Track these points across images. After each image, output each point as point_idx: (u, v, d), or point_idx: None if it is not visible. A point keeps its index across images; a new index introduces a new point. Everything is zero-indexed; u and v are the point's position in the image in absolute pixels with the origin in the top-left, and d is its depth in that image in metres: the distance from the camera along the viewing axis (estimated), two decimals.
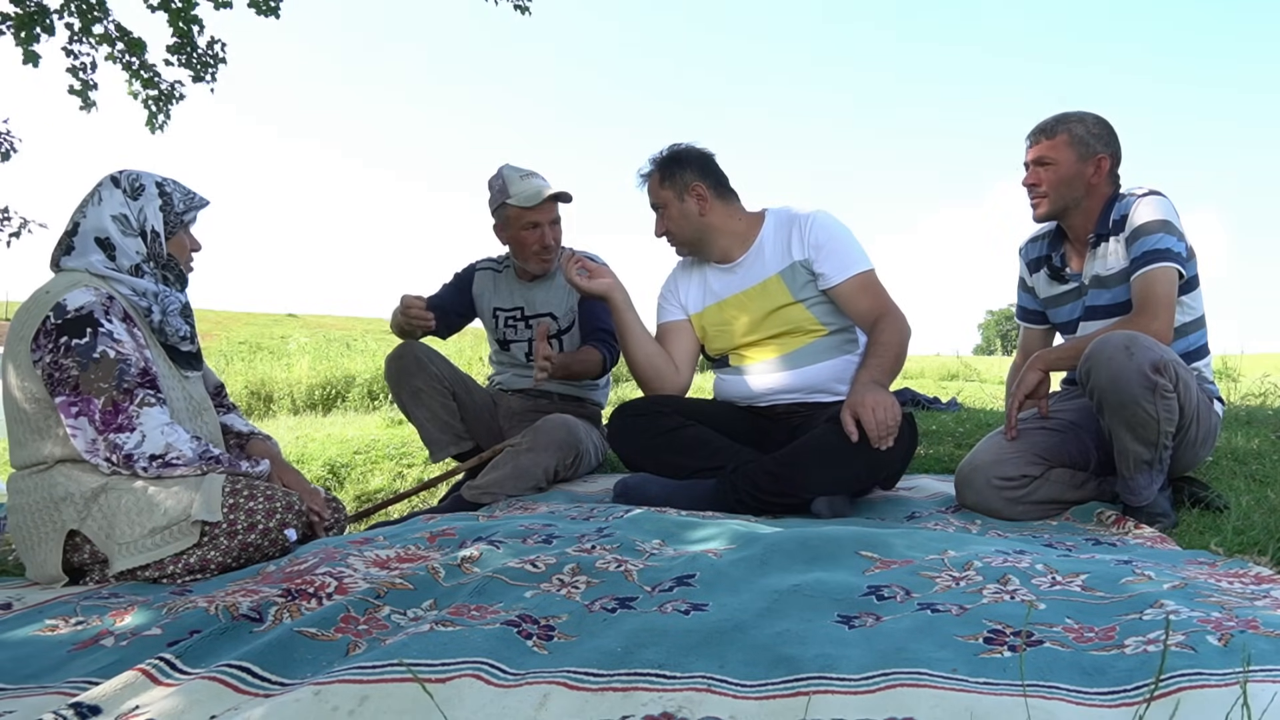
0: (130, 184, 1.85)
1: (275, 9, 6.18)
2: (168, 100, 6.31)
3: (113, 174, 1.87)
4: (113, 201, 1.83)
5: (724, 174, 2.39)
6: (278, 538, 1.74)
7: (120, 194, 1.84)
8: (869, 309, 2.25)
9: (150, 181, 1.88)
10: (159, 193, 1.88)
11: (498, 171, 2.71)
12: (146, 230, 1.85)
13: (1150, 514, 1.84)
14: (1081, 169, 2.05)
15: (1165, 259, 1.92)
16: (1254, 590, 1.23)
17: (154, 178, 1.90)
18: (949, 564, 1.36)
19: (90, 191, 1.85)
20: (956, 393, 5.77)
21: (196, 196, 1.95)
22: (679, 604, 1.23)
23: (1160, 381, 1.74)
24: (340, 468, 3.59)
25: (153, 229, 1.86)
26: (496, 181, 2.70)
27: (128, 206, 1.83)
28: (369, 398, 7.75)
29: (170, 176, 1.93)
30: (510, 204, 2.63)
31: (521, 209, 2.63)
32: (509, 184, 2.65)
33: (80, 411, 1.68)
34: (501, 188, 2.66)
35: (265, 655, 1.04)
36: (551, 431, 2.51)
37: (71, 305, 1.70)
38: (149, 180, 1.88)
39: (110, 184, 1.85)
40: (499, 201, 2.67)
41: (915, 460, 2.59)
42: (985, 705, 0.86)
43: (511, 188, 2.64)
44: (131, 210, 1.84)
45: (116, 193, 1.84)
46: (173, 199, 1.90)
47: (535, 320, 2.83)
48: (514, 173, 2.68)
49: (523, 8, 6.47)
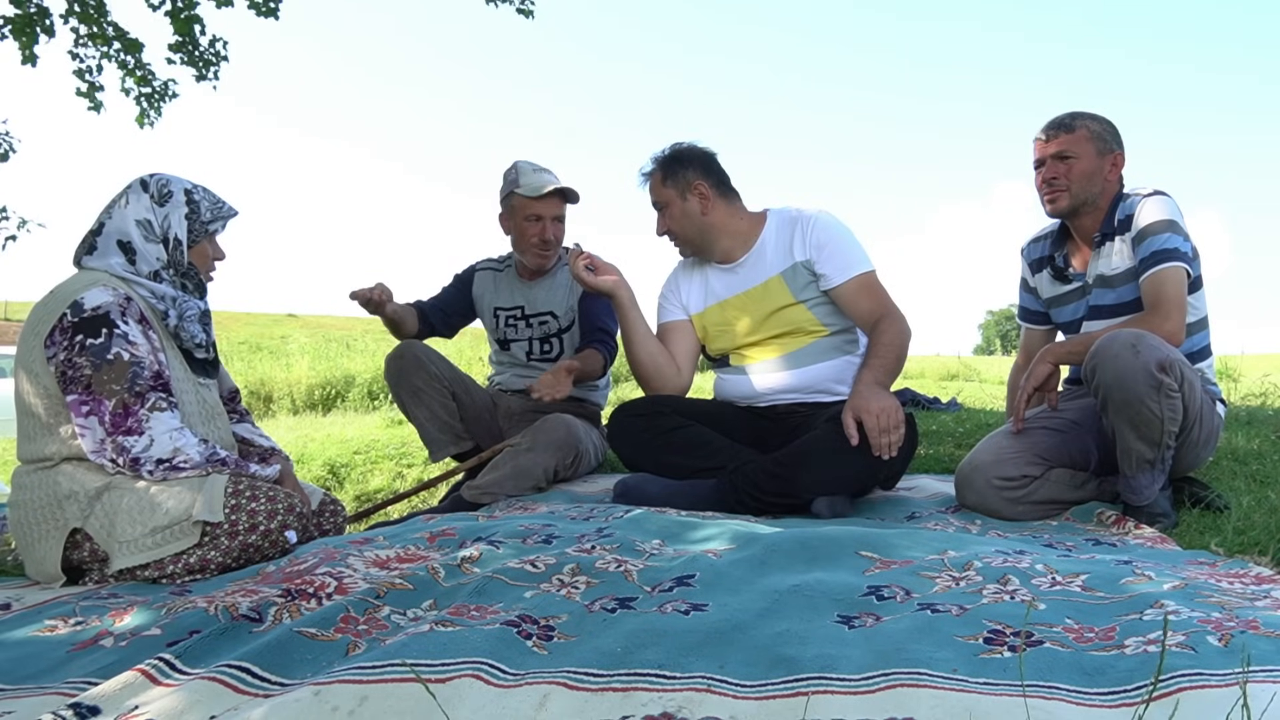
0: (159, 189, 1.85)
1: (275, 10, 6.19)
2: (161, 98, 6.32)
3: (143, 177, 1.87)
4: (139, 206, 1.83)
5: (726, 173, 2.39)
6: (278, 539, 1.74)
7: (147, 199, 1.84)
8: (869, 310, 2.25)
9: (179, 188, 1.87)
10: (186, 200, 1.87)
11: (513, 164, 2.76)
12: (169, 237, 1.84)
13: (1150, 514, 1.83)
14: (1100, 164, 2.05)
15: (1174, 259, 1.92)
16: (1254, 590, 1.23)
17: (184, 184, 1.89)
18: (949, 564, 1.36)
19: (119, 193, 1.85)
20: (956, 393, 5.78)
21: (225, 206, 1.94)
22: (679, 604, 1.23)
23: (1166, 381, 1.74)
24: (340, 468, 3.59)
25: (175, 236, 1.85)
26: (510, 173, 2.75)
27: (153, 212, 1.83)
28: (369, 398, 7.76)
29: (201, 184, 1.92)
30: (517, 193, 2.69)
31: (526, 199, 2.67)
32: (520, 175, 2.71)
33: (91, 411, 1.68)
34: (514, 179, 2.72)
35: (265, 655, 1.04)
36: (551, 431, 2.52)
37: (89, 304, 1.70)
38: (178, 187, 1.87)
39: (139, 187, 1.85)
40: (508, 190, 2.72)
41: (915, 460, 2.59)
42: (985, 705, 0.86)
43: (522, 178, 2.70)
44: (156, 216, 1.83)
45: (144, 197, 1.84)
46: (200, 207, 1.89)
47: (536, 319, 2.83)
48: (528, 166, 2.73)
49: (526, 11, 6.47)
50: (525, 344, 2.87)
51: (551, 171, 2.74)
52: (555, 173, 2.74)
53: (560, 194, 2.70)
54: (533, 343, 2.86)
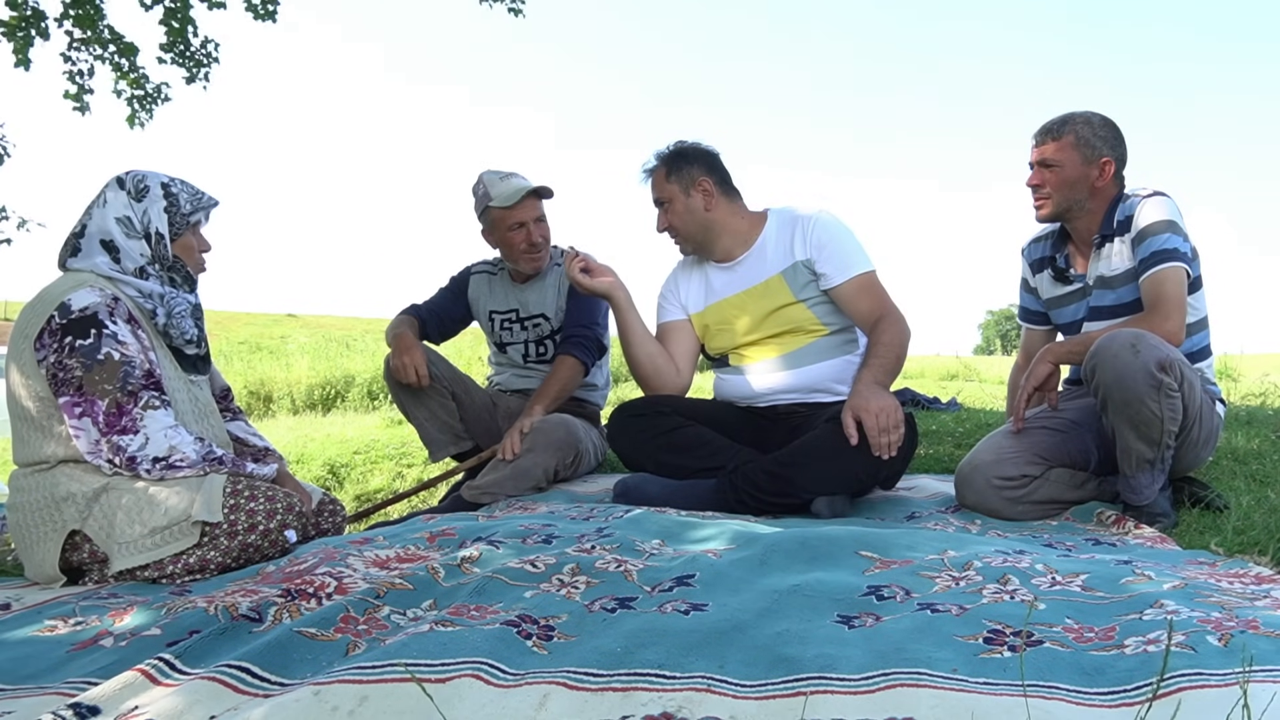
0: (135, 185, 1.84)
1: (272, 13, 6.18)
2: (153, 100, 6.32)
3: (119, 175, 1.86)
4: (117, 204, 1.82)
5: (728, 172, 2.39)
6: (278, 539, 1.74)
7: (124, 196, 1.83)
8: (869, 310, 2.25)
9: (155, 182, 1.87)
10: (164, 194, 1.87)
11: (478, 178, 2.73)
12: (151, 232, 1.84)
13: (1150, 514, 1.83)
14: (1086, 171, 2.05)
15: (1174, 259, 1.92)
16: (1254, 590, 1.23)
17: (160, 178, 1.88)
18: (949, 564, 1.36)
19: (97, 194, 1.84)
20: (956, 393, 5.77)
21: (205, 196, 1.94)
22: (679, 604, 1.23)
23: (1165, 380, 1.74)
24: (340, 468, 3.59)
25: (157, 230, 1.85)
26: (479, 188, 2.71)
27: (131, 209, 1.83)
28: (369, 398, 7.76)
29: (178, 176, 1.92)
30: (493, 206, 2.65)
31: (504, 209, 2.64)
32: (489, 187, 2.67)
33: (84, 412, 1.68)
34: (484, 193, 2.68)
35: (265, 655, 1.03)
36: (551, 432, 2.51)
37: (76, 305, 1.69)
38: (154, 181, 1.87)
39: (115, 185, 1.84)
40: (482, 206, 2.69)
41: (915, 460, 2.59)
42: (985, 705, 0.86)
43: (492, 190, 2.65)
44: (135, 212, 1.83)
45: (121, 194, 1.83)
46: (179, 200, 1.88)
47: (529, 322, 2.82)
48: (493, 176, 2.69)
49: (516, 10, 6.50)
50: (521, 346, 2.87)
51: (518, 174, 2.70)
52: (522, 173, 2.71)
53: (534, 194, 2.67)
54: (528, 345, 2.86)
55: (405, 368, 2.59)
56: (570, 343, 2.69)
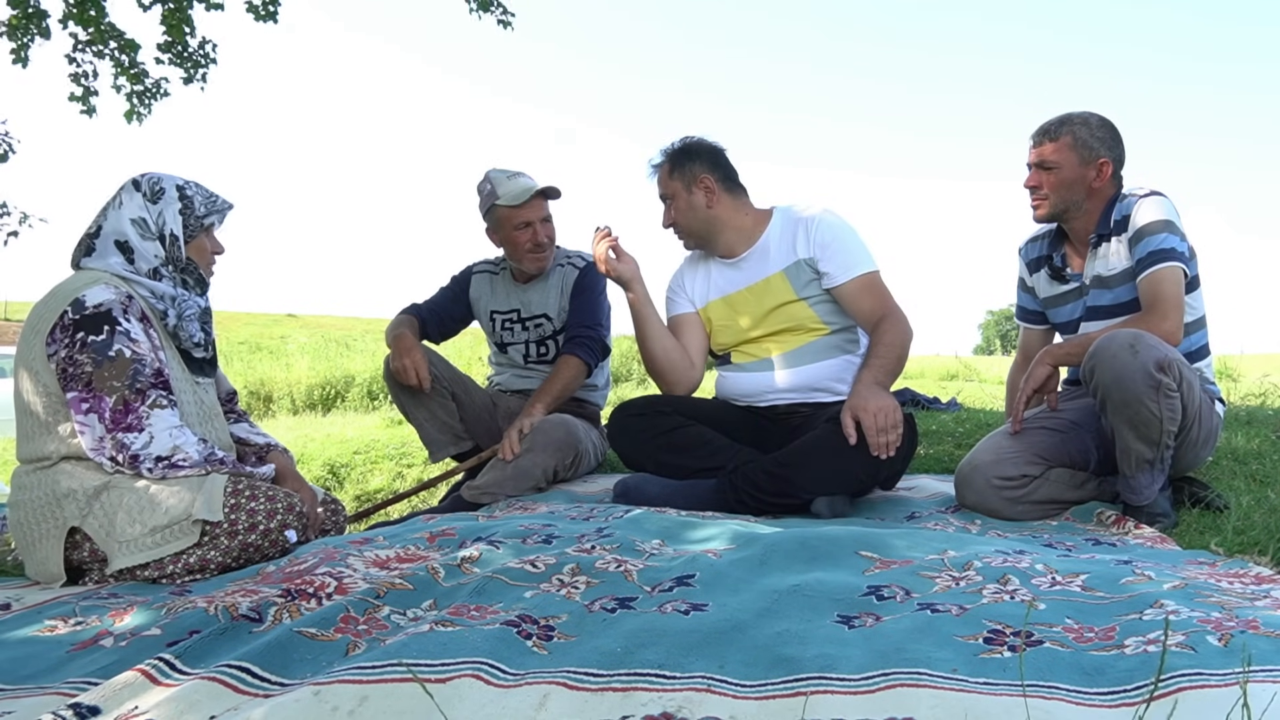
0: (150, 187, 1.85)
1: (274, 14, 6.17)
2: (151, 95, 6.32)
3: (135, 177, 1.87)
4: (132, 205, 1.83)
5: (734, 169, 2.40)
6: (278, 539, 1.74)
7: (140, 197, 1.84)
8: (871, 310, 2.25)
9: (171, 185, 1.88)
10: (179, 196, 1.88)
11: (485, 176, 2.72)
12: (165, 234, 1.85)
13: (1150, 514, 1.83)
14: (1083, 173, 2.05)
15: (1171, 259, 1.92)
16: (1254, 590, 1.23)
17: (175, 181, 1.89)
18: (949, 564, 1.36)
19: (113, 195, 1.86)
20: (956, 393, 5.77)
21: (219, 200, 1.95)
22: (679, 604, 1.23)
23: (1164, 380, 1.74)
24: (340, 468, 3.59)
25: (171, 232, 1.85)
26: (485, 186, 2.71)
27: (147, 210, 1.84)
28: (369, 398, 7.76)
29: (194, 179, 1.93)
30: (500, 205, 2.65)
31: (511, 208, 2.64)
32: (497, 185, 2.66)
33: (91, 408, 1.69)
34: (490, 191, 2.67)
35: (265, 655, 1.03)
36: (550, 432, 2.51)
37: (90, 302, 1.70)
38: (170, 183, 1.88)
39: (131, 187, 1.85)
40: (489, 204, 2.68)
41: (915, 460, 2.59)
42: (985, 705, 0.86)
43: (499, 189, 2.65)
44: (150, 214, 1.84)
45: (137, 196, 1.84)
46: (193, 202, 1.89)
47: (531, 322, 2.82)
48: (500, 174, 2.69)
49: (506, 22, 6.52)
50: (522, 347, 2.87)
51: (525, 173, 2.70)
52: (529, 173, 2.71)
53: (541, 194, 2.67)
54: (529, 345, 2.85)
55: (406, 370, 2.59)
56: (574, 343, 2.69)
